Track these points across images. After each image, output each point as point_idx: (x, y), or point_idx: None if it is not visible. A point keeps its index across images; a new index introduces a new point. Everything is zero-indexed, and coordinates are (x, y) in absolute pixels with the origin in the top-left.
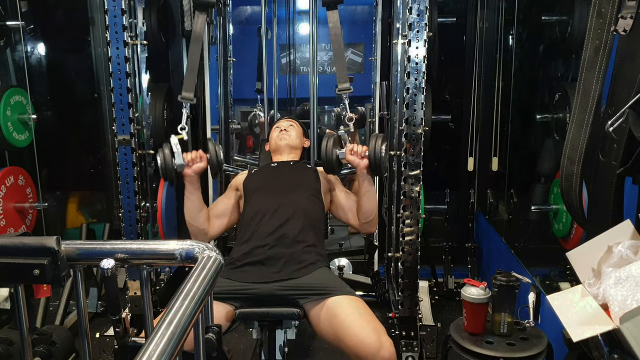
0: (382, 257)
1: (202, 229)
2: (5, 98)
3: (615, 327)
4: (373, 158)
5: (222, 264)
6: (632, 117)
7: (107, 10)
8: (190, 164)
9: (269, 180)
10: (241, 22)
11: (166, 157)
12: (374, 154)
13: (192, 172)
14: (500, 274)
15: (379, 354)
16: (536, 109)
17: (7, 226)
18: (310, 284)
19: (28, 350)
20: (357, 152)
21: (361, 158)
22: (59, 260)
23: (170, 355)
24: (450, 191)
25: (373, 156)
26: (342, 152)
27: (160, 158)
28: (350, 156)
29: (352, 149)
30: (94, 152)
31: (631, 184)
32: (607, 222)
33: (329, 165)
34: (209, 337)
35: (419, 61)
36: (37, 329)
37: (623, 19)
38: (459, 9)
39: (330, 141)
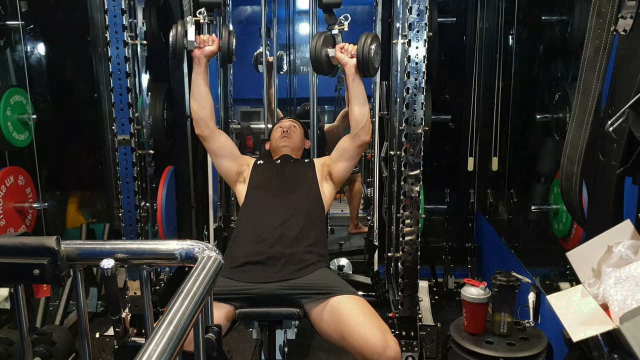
0: (382, 257)
1: (205, 117)
2: (5, 98)
3: (615, 327)
4: (361, 56)
5: (222, 264)
6: (632, 117)
7: (107, 10)
8: (201, 45)
9: (270, 178)
10: (241, 22)
11: (178, 34)
12: (362, 52)
13: (202, 53)
14: (500, 274)
15: (385, 353)
16: (536, 109)
17: (7, 226)
18: (311, 283)
19: (28, 350)
20: (347, 50)
21: (351, 56)
22: (59, 260)
23: (170, 355)
24: (450, 191)
25: (361, 54)
26: (332, 50)
27: (172, 34)
28: (340, 54)
29: (342, 47)
30: (94, 152)
31: (631, 184)
32: (607, 222)
33: (318, 64)
34: (209, 337)
35: (419, 61)
36: (37, 329)
37: (623, 18)
38: (459, 9)
39: (320, 39)
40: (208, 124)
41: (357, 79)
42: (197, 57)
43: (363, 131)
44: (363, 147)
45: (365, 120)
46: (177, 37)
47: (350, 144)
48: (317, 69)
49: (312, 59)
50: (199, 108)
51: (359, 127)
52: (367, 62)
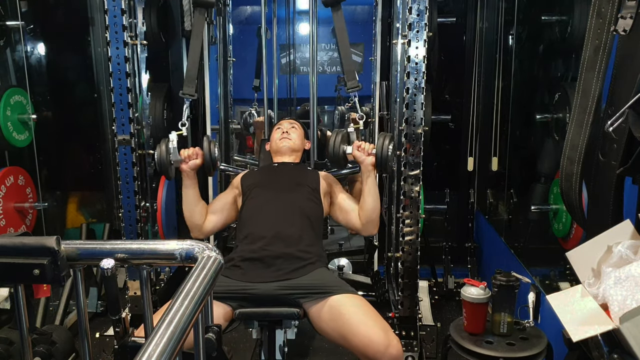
0: (382, 257)
1: (197, 223)
2: (5, 98)
3: (615, 327)
4: (380, 155)
5: (222, 264)
6: (632, 117)
7: (107, 10)
8: (186, 160)
9: (268, 178)
10: (241, 22)
11: (162, 153)
12: (382, 152)
13: (188, 167)
14: (500, 274)
15: (387, 352)
16: (536, 109)
17: (7, 226)
18: (309, 283)
19: (28, 350)
20: (364, 149)
21: (367, 155)
22: (59, 260)
23: (170, 355)
24: (450, 191)
25: (380, 153)
26: (349, 148)
27: (157, 153)
28: (357, 152)
29: (359, 146)
30: (94, 152)
31: (631, 184)
32: (607, 222)
33: (336, 159)
34: (209, 337)
35: (419, 61)
36: (37, 329)
37: (623, 19)
38: (459, 9)
39: (338, 137)
40: (201, 229)
41: (372, 176)
42: (185, 171)
43: (372, 225)
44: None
45: (376, 216)
46: (161, 155)
47: (356, 228)
48: (334, 164)
49: (330, 156)
50: (191, 215)
51: (368, 220)
52: (385, 161)
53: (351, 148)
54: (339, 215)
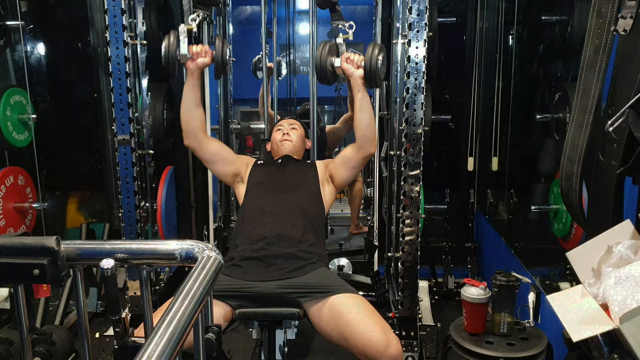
0: (382, 257)
1: (194, 129)
2: (5, 98)
3: (615, 327)
4: (369, 66)
5: (222, 264)
6: (632, 117)
7: (107, 10)
8: (194, 56)
9: (271, 177)
10: (241, 22)
11: (170, 45)
12: (370, 62)
13: (195, 65)
14: (500, 274)
15: (387, 351)
16: (536, 109)
17: (6, 226)
18: (310, 282)
19: (28, 350)
20: (352, 61)
21: (357, 67)
22: (59, 260)
23: (170, 355)
24: (450, 191)
25: (369, 64)
26: (337, 60)
27: (164, 45)
28: (346, 64)
29: (348, 57)
30: (94, 152)
31: (631, 184)
32: (607, 222)
33: (323, 73)
34: (209, 337)
35: (419, 61)
36: (37, 329)
37: (623, 18)
38: (459, 9)
39: (326, 47)
40: (197, 136)
41: (362, 90)
42: (190, 69)
43: (369, 143)
44: (368, 158)
45: (371, 132)
46: (169, 48)
47: (355, 154)
48: (321, 79)
49: (317, 68)
50: (190, 120)
51: (364, 138)
52: (374, 73)
53: (339, 60)
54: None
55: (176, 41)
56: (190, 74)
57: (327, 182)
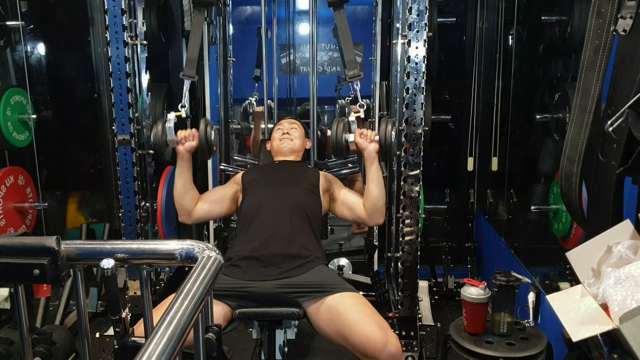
0: (382, 257)
1: (187, 208)
2: (5, 98)
3: (614, 327)
4: (384, 141)
5: (222, 264)
6: (632, 117)
7: (107, 10)
8: (182, 141)
9: (268, 175)
10: (241, 22)
11: (158, 132)
12: (385, 138)
13: (184, 149)
14: (500, 274)
15: (386, 349)
16: (536, 109)
17: (7, 226)
18: (308, 282)
19: (28, 350)
20: (366, 136)
21: (370, 142)
22: (59, 260)
23: (170, 355)
24: (450, 191)
25: (384, 139)
26: (351, 136)
27: (153, 132)
28: (359, 139)
29: (361, 133)
30: (94, 152)
31: (631, 184)
32: (607, 222)
33: (338, 148)
34: (209, 337)
35: (419, 61)
36: (37, 329)
37: (623, 19)
38: (459, 9)
39: (340, 125)
40: (190, 215)
41: (376, 163)
42: (180, 152)
43: (379, 214)
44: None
45: (382, 205)
46: (157, 134)
47: (363, 219)
48: (337, 154)
49: (333, 144)
50: (183, 200)
51: (374, 209)
52: (389, 147)
53: (353, 136)
54: (344, 211)
55: (164, 128)
56: (180, 157)
57: (325, 194)
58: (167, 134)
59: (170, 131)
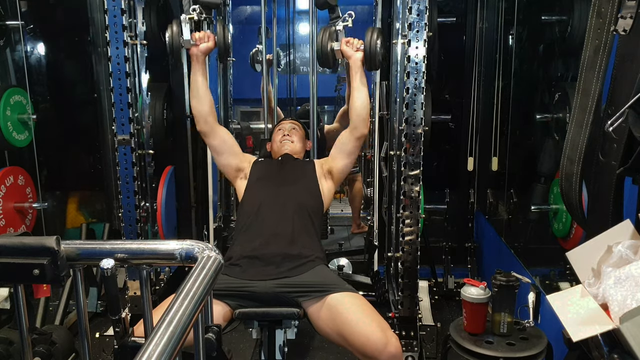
0: (382, 257)
1: (204, 112)
2: (5, 98)
3: (614, 327)
4: (368, 48)
5: (222, 263)
6: (632, 117)
7: (107, 10)
8: (197, 42)
9: (270, 173)
10: (241, 22)
11: (174, 33)
12: (370, 45)
13: (199, 50)
14: (500, 274)
15: (386, 350)
16: (536, 109)
17: (6, 226)
18: (308, 281)
19: (28, 350)
20: (352, 44)
21: (356, 50)
22: (59, 260)
23: (170, 355)
24: (450, 191)
25: (369, 47)
26: (337, 44)
27: (168, 34)
28: (345, 47)
29: (347, 41)
30: (94, 152)
31: (631, 184)
32: (607, 222)
33: (324, 57)
34: (209, 337)
35: (419, 61)
36: (37, 328)
37: (623, 18)
38: (459, 9)
39: (326, 33)
40: (207, 120)
41: (360, 72)
42: (195, 54)
43: (362, 123)
44: (361, 140)
45: (365, 113)
46: (173, 36)
47: (349, 137)
48: (322, 63)
49: (318, 52)
50: (199, 104)
51: (359, 119)
52: (374, 54)
53: (339, 44)
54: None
55: (179, 29)
56: (195, 59)
57: (325, 178)
58: (182, 35)
59: (187, 32)
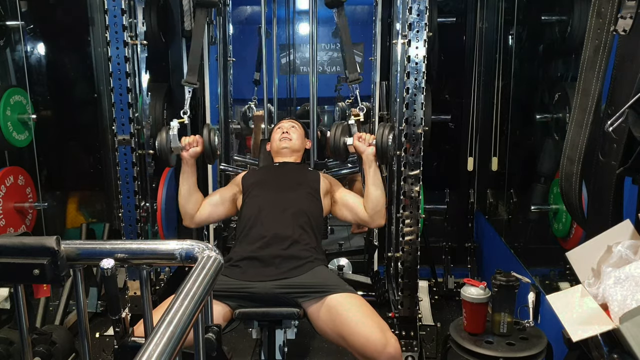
0: (382, 257)
1: (190, 212)
2: (5, 98)
3: (614, 327)
4: (380, 145)
5: (222, 264)
6: (632, 117)
7: (107, 10)
8: (187, 147)
9: (269, 177)
10: (241, 22)
11: (162, 140)
12: (381, 141)
13: (188, 155)
14: (500, 274)
15: (385, 351)
16: (536, 109)
17: (7, 226)
18: (308, 282)
19: (28, 350)
20: (364, 139)
21: (368, 145)
22: (59, 260)
23: (170, 355)
24: (450, 191)
25: (380, 143)
26: (349, 139)
27: (157, 140)
28: (357, 142)
29: (360, 136)
30: (94, 152)
31: (631, 184)
32: (607, 222)
33: (337, 151)
34: (209, 337)
35: (419, 61)
36: (37, 328)
37: (623, 19)
38: (458, 9)
39: (339, 129)
40: (193, 220)
41: (374, 165)
42: (185, 158)
43: (379, 215)
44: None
45: (381, 207)
46: (161, 142)
47: (363, 219)
48: (335, 156)
49: (331, 147)
50: (185, 203)
51: (374, 212)
52: (385, 150)
53: (352, 139)
54: (345, 213)
55: (167, 136)
56: (185, 162)
57: (326, 197)
58: (171, 142)
59: (175, 139)
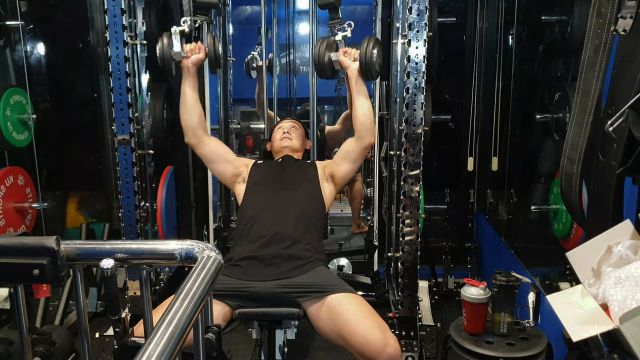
0: (382, 257)
1: (194, 126)
2: (5, 98)
3: (615, 327)
4: (364, 59)
5: (222, 264)
6: (632, 117)
7: (107, 10)
8: (188, 54)
9: (271, 175)
10: (241, 22)
11: (164, 46)
12: (365, 56)
13: (190, 62)
14: (500, 274)
15: (385, 351)
16: (536, 109)
17: (6, 226)
18: (308, 282)
19: (28, 350)
20: (349, 54)
21: (353, 60)
22: (59, 260)
23: (170, 355)
24: (450, 191)
25: (364, 57)
26: (335, 54)
27: (159, 47)
28: (342, 57)
29: (345, 51)
30: (94, 152)
31: (631, 184)
32: (607, 222)
33: (321, 68)
34: (209, 337)
35: (419, 61)
36: (37, 329)
37: (623, 18)
38: (458, 9)
39: (323, 44)
40: (196, 132)
41: (359, 81)
42: (186, 66)
43: (368, 133)
44: (367, 148)
45: (369, 122)
46: (163, 49)
47: (355, 146)
48: (320, 73)
49: (316, 63)
50: (188, 116)
51: (363, 128)
52: (369, 65)
53: (337, 54)
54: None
55: (169, 41)
56: (186, 71)
57: (327, 181)
58: (173, 47)
59: (177, 44)
